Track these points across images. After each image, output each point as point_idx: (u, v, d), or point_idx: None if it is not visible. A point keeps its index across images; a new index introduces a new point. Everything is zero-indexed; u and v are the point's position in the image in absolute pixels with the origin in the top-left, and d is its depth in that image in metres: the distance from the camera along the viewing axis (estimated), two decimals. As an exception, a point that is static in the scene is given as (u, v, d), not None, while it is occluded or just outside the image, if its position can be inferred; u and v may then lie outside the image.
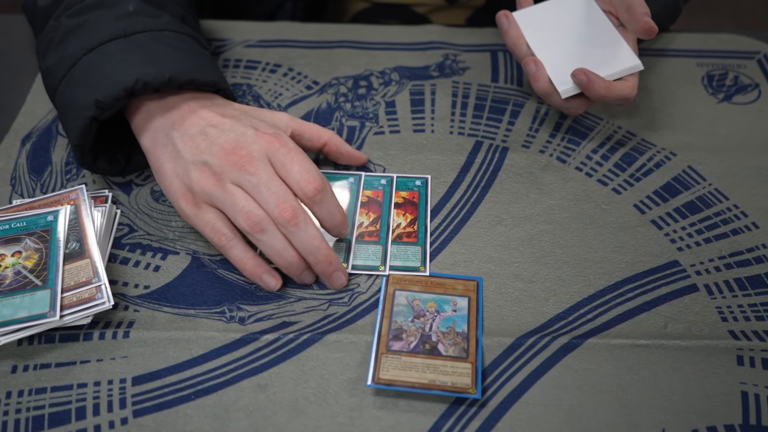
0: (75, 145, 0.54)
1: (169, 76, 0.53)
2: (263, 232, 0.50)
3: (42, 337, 0.50)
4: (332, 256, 0.52)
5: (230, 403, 0.47)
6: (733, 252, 0.57)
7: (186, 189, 0.52)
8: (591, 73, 0.59)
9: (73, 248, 0.52)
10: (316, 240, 0.51)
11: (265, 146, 0.52)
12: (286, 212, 0.49)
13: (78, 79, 0.54)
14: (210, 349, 0.50)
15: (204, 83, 0.56)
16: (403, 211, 0.59)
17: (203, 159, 0.51)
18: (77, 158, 0.56)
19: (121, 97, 0.52)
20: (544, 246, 0.57)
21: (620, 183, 0.61)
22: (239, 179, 0.50)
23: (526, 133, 0.65)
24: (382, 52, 0.73)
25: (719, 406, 0.48)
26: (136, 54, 0.54)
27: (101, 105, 0.52)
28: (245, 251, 0.52)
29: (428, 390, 0.47)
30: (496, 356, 0.50)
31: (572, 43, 0.63)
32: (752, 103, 0.69)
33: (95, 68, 0.54)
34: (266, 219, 0.50)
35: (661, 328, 0.52)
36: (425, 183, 0.61)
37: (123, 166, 0.60)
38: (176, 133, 0.53)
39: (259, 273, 0.52)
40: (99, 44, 0.55)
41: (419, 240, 0.57)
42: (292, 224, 0.50)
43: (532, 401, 0.48)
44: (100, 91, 0.52)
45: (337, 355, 0.50)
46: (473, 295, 0.53)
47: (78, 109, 0.53)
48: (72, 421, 0.46)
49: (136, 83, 0.52)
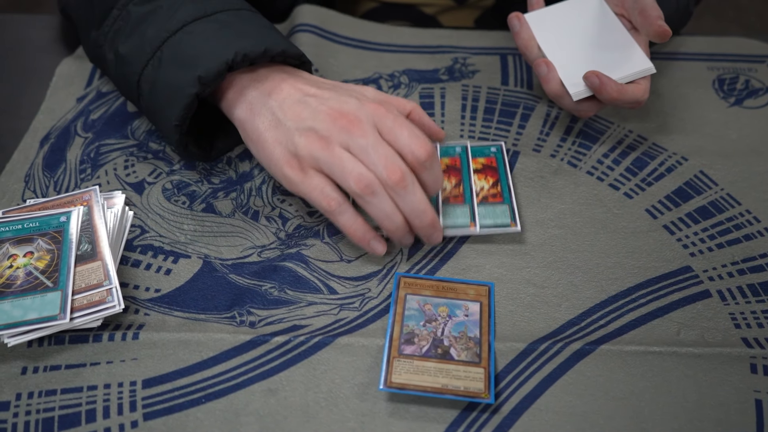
0: (176, 125, 0.55)
1: (265, 47, 0.54)
2: (374, 195, 0.50)
3: (52, 339, 0.50)
4: (436, 219, 0.53)
5: (241, 407, 0.47)
6: (746, 257, 0.56)
7: (291, 155, 0.52)
8: (603, 76, 0.58)
9: (85, 250, 0.52)
10: (423, 203, 0.51)
11: (372, 113, 0.52)
12: (395, 174, 0.50)
13: (169, 60, 0.55)
14: (220, 351, 0.49)
15: (293, 54, 0.57)
16: (484, 175, 0.60)
17: (308, 125, 0.52)
18: (174, 140, 0.57)
19: (222, 71, 0.53)
20: (555, 251, 0.56)
21: (632, 187, 0.61)
22: (348, 142, 0.51)
23: (537, 137, 0.65)
24: (390, 55, 0.72)
25: (733, 414, 0.48)
26: (225, 30, 0.55)
27: (204, 80, 0.53)
28: (355, 217, 0.52)
29: (441, 394, 0.47)
30: (509, 362, 0.50)
31: (584, 46, 0.63)
32: (763, 108, 0.68)
33: (187, 47, 0.55)
34: (376, 181, 0.50)
35: (674, 335, 0.51)
36: (500, 149, 0.62)
37: (209, 151, 0.61)
38: (274, 102, 0.54)
39: (368, 239, 0.53)
40: (183, 25, 0.56)
41: (505, 199, 0.58)
42: (401, 186, 0.50)
43: (544, 407, 0.48)
44: (201, 67, 0.53)
45: (349, 359, 0.49)
46: (485, 300, 0.53)
47: (177, 88, 0.54)
48: (82, 424, 0.46)
49: (236, 56, 0.53)
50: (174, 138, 0.56)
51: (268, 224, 0.58)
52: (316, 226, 0.58)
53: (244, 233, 0.57)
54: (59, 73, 0.70)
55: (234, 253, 0.56)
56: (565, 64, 0.62)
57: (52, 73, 0.70)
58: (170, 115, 0.55)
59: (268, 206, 0.59)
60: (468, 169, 0.60)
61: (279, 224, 0.58)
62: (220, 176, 0.61)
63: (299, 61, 0.58)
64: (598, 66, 0.61)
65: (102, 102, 0.67)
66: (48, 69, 0.70)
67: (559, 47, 0.63)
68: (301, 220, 0.58)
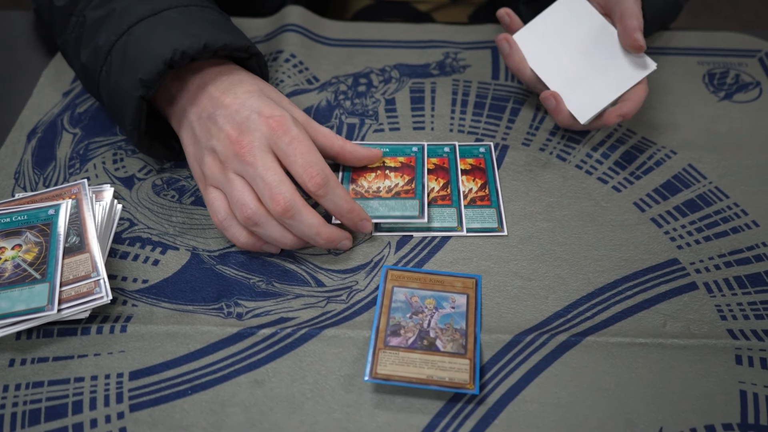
0: (130, 129, 0.55)
1: (205, 42, 0.54)
2: (257, 226, 0.51)
3: (40, 331, 0.50)
4: (333, 235, 0.53)
5: (227, 399, 0.47)
6: (733, 250, 0.56)
7: (199, 170, 0.55)
8: (609, 113, 0.59)
9: (73, 242, 0.52)
10: (314, 228, 0.52)
11: (268, 133, 0.52)
12: (279, 206, 0.50)
13: (117, 65, 0.55)
14: (207, 344, 0.50)
15: (237, 47, 0.56)
16: (472, 177, 0.60)
17: (212, 145, 0.53)
18: (134, 143, 0.57)
19: (162, 70, 0.53)
20: (543, 244, 0.57)
21: (620, 181, 0.61)
22: (239, 169, 0.51)
23: (526, 131, 0.65)
24: (382, 50, 0.73)
25: (717, 405, 0.48)
26: (168, 28, 0.55)
27: (145, 83, 0.53)
28: (241, 231, 0.53)
29: (426, 385, 0.47)
30: (494, 353, 0.50)
31: (580, 62, 0.62)
32: (753, 102, 0.68)
33: (131, 50, 0.55)
34: (259, 212, 0.51)
35: (660, 327, 0.52)
36: (489, 149, 0.62)
37: (178, 150, 0.60)
38: (192, 115, 0.55)
39: (259, 246, 0.54)
40: (129, 27, 0.55)
41: (492, 203, 0.58)
42: (287, 216, 0.51)
43: (529, 399, 0.48)
44: (141, 69, 0.53)
45: (335, 351, 0.50)
46: (472, 292, 0.53)
47: (125, 92, 0.54)
48: (69, 415, 0.46)
49: (174, 54, 0.53)
50: (134, 141, 0.57)
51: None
52: (304, 220, 0.58)
53: (233, 226, 0.57)
54: (46, 74, 0.70)
55: (221, 244, 0.56)
56: (567, 90, 0.61)
57: (40, 68, 0.70)
58: (124, 120, 0.55)
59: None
60: (456, 170, 0.61)
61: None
62: (210, 170, 0.61)
63: (247, 53, 0.58)
64: (601, 81, 0.60)
65: (88, 96, 0.67)
66: (36, 65, 0.71)
67: (555, 70, 0.62)
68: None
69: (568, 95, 0.61)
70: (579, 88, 0.61)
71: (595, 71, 0.61)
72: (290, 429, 0.46)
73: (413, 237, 0.57)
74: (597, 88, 0.60)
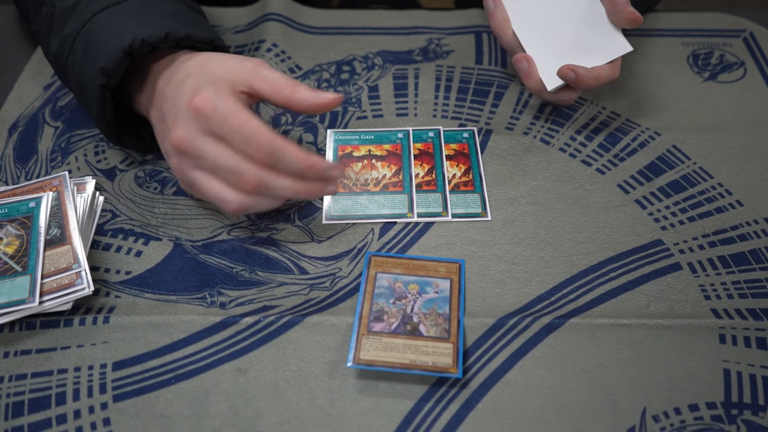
0: (96, 119, 0.55)
1: (166, 32, 0.53)
2: (252, 208, 0.50)
3: (23, 324, 0.50)
4: (312, 189, 0.50)
5: (210, 387, 0.47)
6: (717, 230, 0.56)
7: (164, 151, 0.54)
8: (578, 68, 0.58)
9: (55, 234, 0.52)
10: (291, 189, 0.50)
11: (198, 120, 0.49)
12: (249, 185, 0.49)
13: (81, 54, 0.54)
14: (190, 333, 0.50)
15: (201, 39, 0.55)
16: (456, 162, 0.60)
17: (165, 148, 0.53)
18: (102, 133, 0.57)
19: (121, 59, 0.52)
20: (527, 227, 0.56)
21: (604, 163, 0.61)
22: (196, 165, 0.50)
23: (510, 116, 0.65)
24: (365, 37, 0.72)
25: (701, 384, 0.48)
26: (131, 17, 0.54)
27: (105, 71, 0.52)
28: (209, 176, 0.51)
29: (409, 370, 0.47)
30: (478, 337, 0.50)
31: (560, 31, 0.62)
32: (737, 82, 0.68)
33: (92, 39, 0.54)
34: (245, 201, 0.50)
35: (643, 308, 0.52)
36: (472, 134, 0.62)
37: (149, 141, 0.60)
38: (152, 114, 0.54)
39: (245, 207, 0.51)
40: (93, 15, 0.55)
41: (476, 188, 0.58)
42: (263, 190, 0.49)
43: (513, 381, 0.48)
44: (102, 58, 0.53)
45: (318, 338, 0.50)
46: (455, 277, 0.53)
47: (87, 82, 0.54)
48: (52, 407, 0.46)
49: (133, 42, 0.52)
50: (102, 130, 0.56)
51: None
52: (287, 210, 0.58)
53: (215, 215, 0.57)
54: (29, 68, 0.70)
55: (204, 234, 0.56)
56: (541, 54, 0.61)
57: (23, 62, 0.70)
58: (90, 110, 0.55)
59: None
60: (440, 155, 0.60)
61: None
62: (194, 161, 0.61)
63: (212, 45, 0.57)
64: (576, 53, 0.60)
65: (68, 89, 0.67)
66: (17, 59, 0.70)
67: (534, 34, 0.62)
68: (272, 201, 0.58)
69: (542, 61, 0.61)
70: (553, 56, 0.60)
71: (572, 43, 0.61)
72: (273, 416, 0.46)
73: (396, 223, 0.57)
74: (570, 59, 0.60)
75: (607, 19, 0.61)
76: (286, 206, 0.58)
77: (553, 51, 0.60)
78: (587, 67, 0.58)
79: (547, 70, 0.60)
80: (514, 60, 0.62)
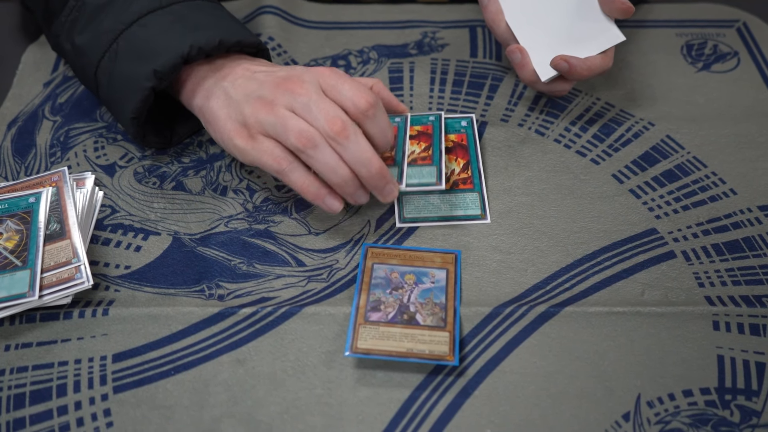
0: (132, 117, 0.56)
1: (219, 39, 0.55)
2: (315, 148, 0.50)
3: (23, 317, 0.51)
4: (384, 168, 0.52)
5: (209, 378, 0.48)
6: (711, 218, 0.57)
7: (240, 126, 0.53)
8: (571, 58, 0.59)
9: (54, 229, 0.53)
10: (368, 152, 0.51)
11: (316, 74, 0.53)
12: (336, 125, 0.50)
13: (125, 53, 0.55)
14: (189, 325, 0.50)
15: (249, 44, 0.58)
16: (455, 156, 0.60)
17: (256, 95, 0.53)
18: (132, 132, 0.58)
19: (177, 64, 0.54)
20: (522, 217, 0.57)
21: (598, 154, 0.61)
22: (291, 102, 0.51)
23: (505, 107, 0.65)
24: (360, 32, 0.73)
25: (695, 370, 0.48)
26: (181, 23, 0.56)
27: (159, 75, 0.54)
28: (307, 174, 0.52)
29: (406, 358, 0.47)
30: (474, 326, 0.50)
31: (553, 23, 0.62)
32: (731, 72, 0.69)
33: (143, 40, 0.55)
34: (317, 134, 0.50)
35: (638, 296, 0.52)
36: (470, 123, 0.62)
37: (169, 138, 0.61)
38: (227, 83, 0.55)
39: (322, 195, 0.52)
40: (138, 17, 0.56)
41: (475, 186, 0.58)
42: (343, 136, 0.50)
43: (509, 369, 0.48)
44: (157, 61, 0.54)
45: (315, 328, 0.50)
46: (451, 267, 0.54)
47: (134, 81, 0.54)
48: (53, 398, 0.47)
49: (191, 49, 0.54)
50: (132, 130, 0.57)
51: (236, 196, 0.58)
52: (284, 202, 0.58)
53: (213, 209, 0.58)
54: (25, 60, 0.70)
55: (202, 227, 0.56)
56: (534, 45, 0.61)
57: (18, 59, 0.70)
58: (127, 108, 0.55)
59: (236, 179, 0.60)
60: (440, 133, 0.60)
61: (246, 196, 0.58)
62: (191, 156, 0.62)
63: (256, 49, 0.59)
64: (569, 44, 0.60)
65: (69, 85, 0.67)
66: (14, 56, 0.71)
67: (527, 26, 0.62)
68: (269, 193, 0.59)
69: (535, 53, 0.61)
70: (547, 47, 0.61)
71: (565, 33, 0.61)
72: (272, 406, 0.47)
73: (393, 215, 0.57)
74: (563, 50, 0.60)
75: (600, 10, 0.61)
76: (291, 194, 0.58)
77: (546, 42, 0.61)
78: (580, 57, 0.59)
79: (540, 61, 0.60)
80: (507, 51, 0.62)
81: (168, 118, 0.62)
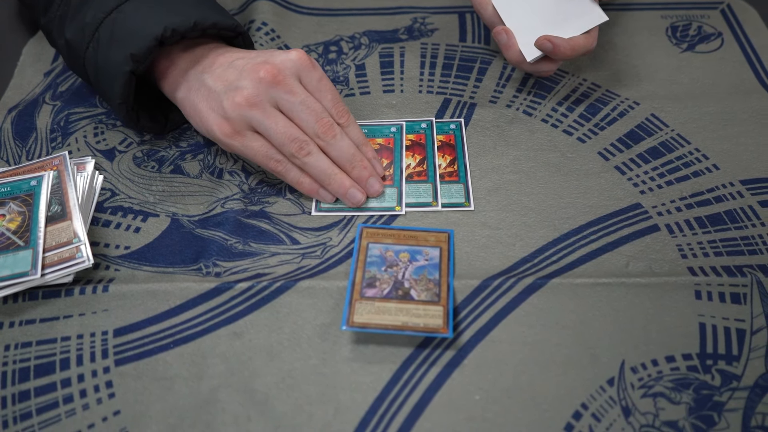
0: (119, 103, 0.57)
1: (194, 21, 0.56)
2: (309, 155, 0.55)
3: (26, 295, 0.52)
4: (367, 163, 0.57)
5: (207, 351, 0.49)
6: (694, 193, 0.58)
7: (222, 119, 0.55)
8: (555, 38, 0.60)
9: (55, 211, 0.54)
10: (353, 148, 0.56)
11: (297, 63, 0.55)
12: (325, 126, 0.54)
13: (106, 42, 0.57)
14: (187, 299, 0.52)
15: (226, 27, 0.59)
16: (442, 153, 0.62)
17: (235, 85, 0.54)
18: (122, 117, 0.59)
19: (152, 46, 0.55)
20: (510, 194, 0.58)
21: (585, 132, 0.63)
22: (276, 99, 0.54)
23: (494, 89, 0.67)
24: (351, 18, 0.74)
25: (677, 337, 0.50)
26: (157, 7, 0.57)
27: (136, 58, 0.55)
28: (301, 173, 0.56)
29: (402, 331, 0.49)
30: (464, 297, 0.52)
31: (538, 4, 0.64)
32: (715, 52, 0.70)
33: (120, 27, 0.56)
34: (310, 141, 0.55)
35: (623, 267, 0.54)
36: (459, 126, 0.64)
37: (164, 124, 0.63)
38: (207, 75, 0.56)
39: (316, 188, 0.57)
40: (117, 5, 0.57)
41: (460, 178, 0.60)
42: (331, 135, 0.55)
43: (497, 339, 0.50)
44: (133, 45, 0.55)
45: (310, 301, 0.52)
46: (445, 245, 0.55)
47: (114, 67, 0.56)
48: (57, 372, 0.49)
49: (164, 31, 0.55)
50: (122, 115, 0.59)
51: (231, 178, 0.60)
52: (278, 184, 0.60)
53: (210, 191, 0.59)
54: (26, 51, 0.72)
55: (200, 210, 0.58)
56: (520, 27, 0.63)
57: (19, 51, 0.72)
58: (113, 93, 0.57)
59: (230, 160, 0.61)
60: (433, 144, 0.62)
61: (242, 177, 0.60)
62: (188, 141, 0.63)
63: (235, 32, 0.60)
64: (553, 24, 0.62)
65: (69, 75, 0.69)
66: (14, 48, 0.72)
67: (513, 8, 0.64)
68: (264, 175, 0.60)
69: (521, 34, 0.63)
70: (532, 28, 0.62)
71: (550, 15, 0.63)
72: (269, 376, 0.48)
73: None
74: (548, 30, 0.61)
75: None
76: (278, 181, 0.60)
77: (531, 23, 0.62)
78: (564, 37, 0.60)
79: (525, 41, 0.62)
80: (494, 33, 0.63)
81: (162, 105, 0.63)
